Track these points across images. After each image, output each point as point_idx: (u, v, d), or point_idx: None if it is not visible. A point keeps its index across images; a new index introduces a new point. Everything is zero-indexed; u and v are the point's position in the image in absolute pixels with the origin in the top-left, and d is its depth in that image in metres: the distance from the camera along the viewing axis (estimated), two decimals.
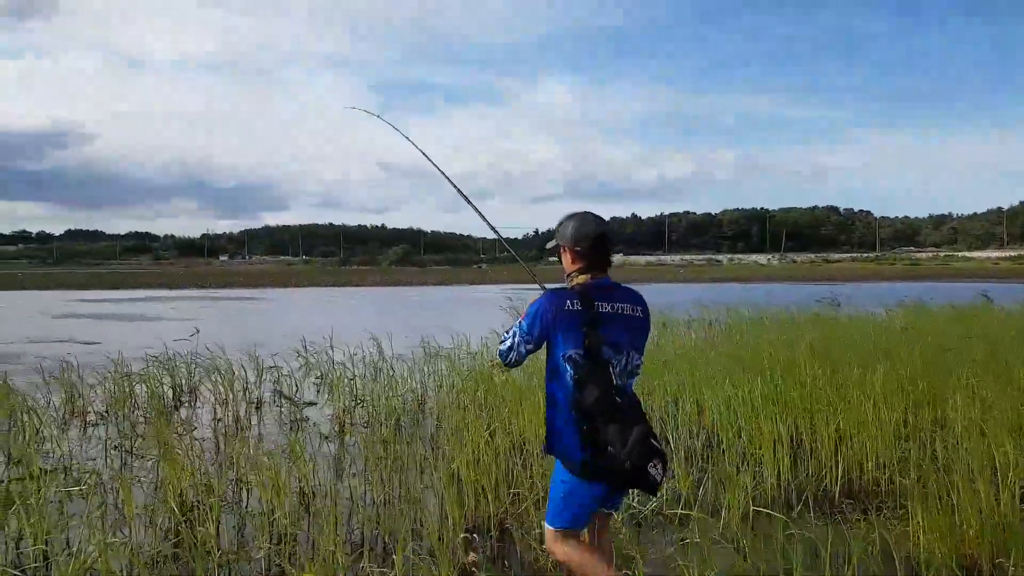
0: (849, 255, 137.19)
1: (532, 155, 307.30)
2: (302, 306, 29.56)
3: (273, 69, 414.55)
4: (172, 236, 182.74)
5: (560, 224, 3.12)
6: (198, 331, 9.29)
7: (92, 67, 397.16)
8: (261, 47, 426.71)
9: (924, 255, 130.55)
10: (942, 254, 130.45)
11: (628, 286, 3.12)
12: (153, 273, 78.09)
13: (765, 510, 4.09)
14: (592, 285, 2.97)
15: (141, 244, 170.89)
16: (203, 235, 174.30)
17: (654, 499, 4.45)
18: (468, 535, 3.94)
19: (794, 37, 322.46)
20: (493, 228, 3.67)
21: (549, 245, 3.16)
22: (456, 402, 7.50)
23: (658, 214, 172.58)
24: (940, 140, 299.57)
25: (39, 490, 4.46)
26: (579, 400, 2.78)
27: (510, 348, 2.95)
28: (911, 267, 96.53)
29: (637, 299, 3.04)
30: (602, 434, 2.72)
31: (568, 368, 2.84)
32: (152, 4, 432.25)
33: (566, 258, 3.06)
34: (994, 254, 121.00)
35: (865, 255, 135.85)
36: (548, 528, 2.98)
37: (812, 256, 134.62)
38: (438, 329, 12.53)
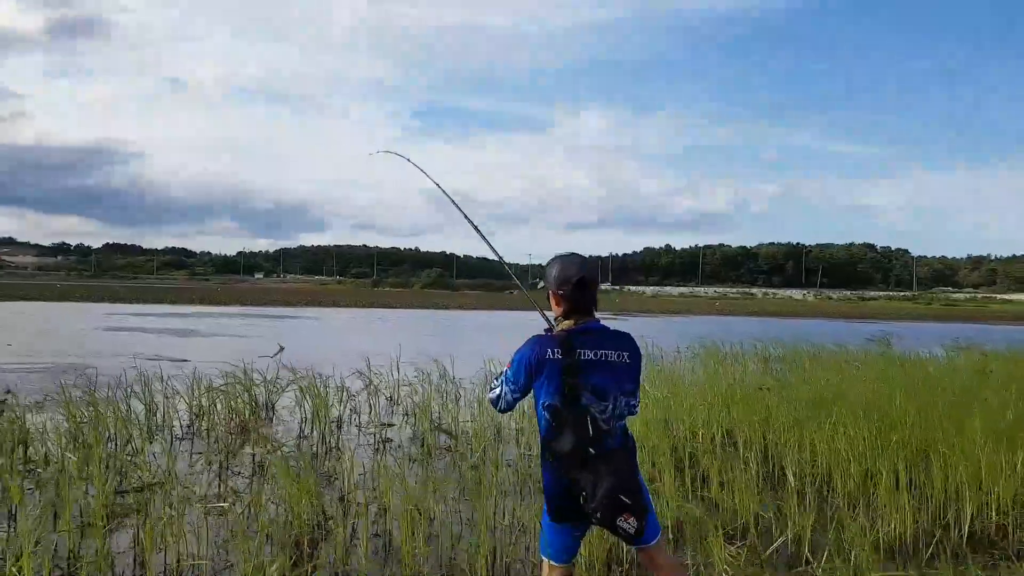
0: (885, 293, 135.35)
1: (567, 183, 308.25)
2: (347, 326, 29.77)
3: (314, 95, 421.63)
4: (209, 253, 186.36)
5: (545, 267, 3.11)
6: (282, 348, 9.38)
7: (139, 89, 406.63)
8: (303, 74, 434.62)
9: (961, 296, 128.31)
10: (980, 296, 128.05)
11: (617, 329, 3.05)
12: (195, 289, 79.20)
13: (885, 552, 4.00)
14: (576, 331, 2.93)
15: (178, 260, 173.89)
16: (239, 252, 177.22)
17: (776, 540, 4.40)
18: None
19: (836, 73, 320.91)
20: (502, 260, 3.65)
21: (539, 287, 3.17)
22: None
23: (692, 245, 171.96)
24: (980, 180, 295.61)
25: (154, 503, 4.51)
26: (555, 448, 2.81)
27: (498, 396, 2.99)
28: (948, 308, 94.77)
29: (624, 343, 2.98)
30: (576, 483, 2.76)
31: (546, 415, 2.86)
32: (198, 31, 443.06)
33: (552, 302, 3.04)
34: None
35: (902, 294, 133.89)
36: (542, 558, 3.07)
37: (848, 293, 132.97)
38: (494, 354, 12.52)
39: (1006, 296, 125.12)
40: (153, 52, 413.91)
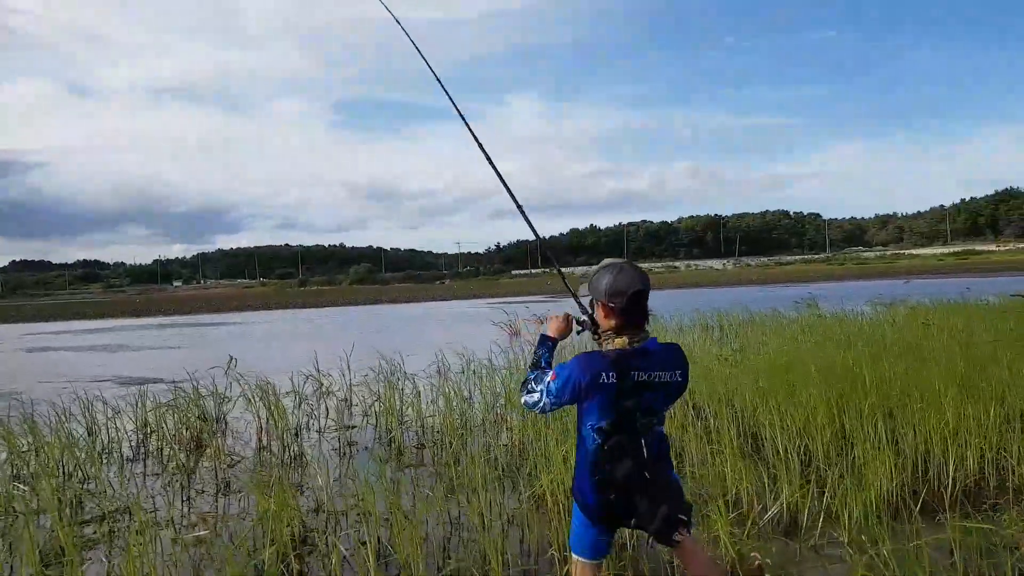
0: (800, 257, 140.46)
1: (493, 172, 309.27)
2: (281, 329, 29.00)
3: (229, 94, 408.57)
4: (123, 263, 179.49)
5: (594, 275, 2.88)
6: (234, 359, 8.97)
7: (37, 94, 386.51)
8: (216, 73, 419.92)
9: (871, 254, 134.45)
10: (889, 252, 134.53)
11: (671, 344, 2.91)
12: (114, 302, 75.84)
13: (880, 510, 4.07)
14: (630, 352, 2.76)
15: (91, 272, 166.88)
16: (155, 261, 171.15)
17: (772, 508, 4.43)
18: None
19: (747, 50, 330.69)
20: (530, 225, 3.57)
21: (582, 296, 2.97)
22: (502, 419, 7.40)
23: (617, 224, 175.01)
24: (885, 145, 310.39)
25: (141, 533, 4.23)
26: (610, 472, 2.72)
27: (536, 403, 2.86)
28: (860, 266, 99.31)
29: (677, 361, 2.85)
30: (630, 505, 2.72)
31: (596, 437, 2.75)
32: (101, 32, 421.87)
33: (599, 313, 2.86)
34: (939, 251, 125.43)
35: (815, 256, 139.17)
36: (572, 555, 3.00)
37: (765, 260, 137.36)
38: (440, 346, 12.37)
39: (913, 251, 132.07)
40: (53, 56, 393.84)
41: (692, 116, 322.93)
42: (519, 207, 3.53)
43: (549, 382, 2.81)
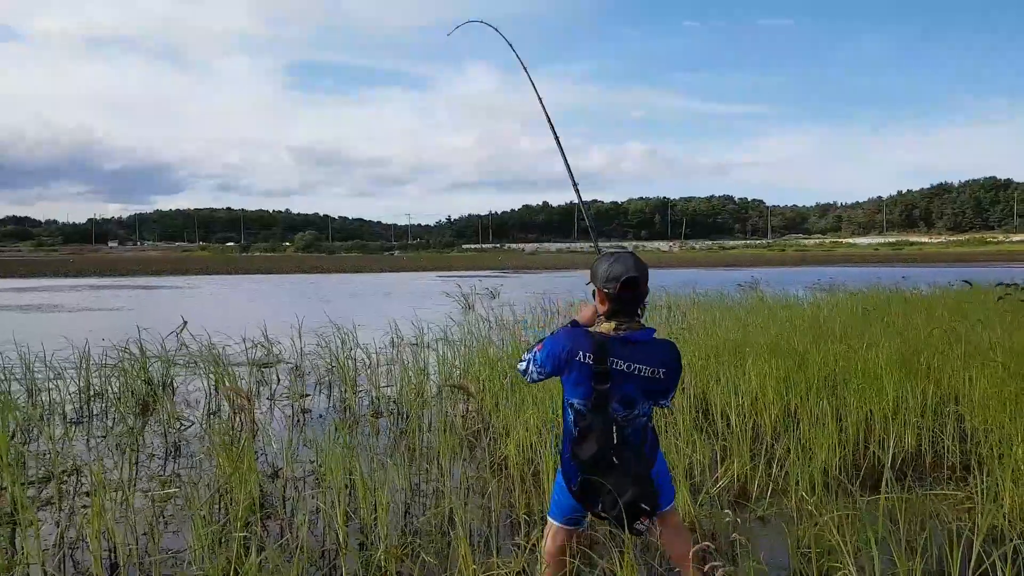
0: (743, 242, 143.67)
1: (449, 142, 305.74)
2: (226, 294, 28.42)
3: (175, 48, 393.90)
4: (55, 221, 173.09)
5: (595, 261, 3.00)
6: (186, 323, 8.77)
7: None
8: (162, 25, 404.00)
9: (811, 242, 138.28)
10: (828, 240, 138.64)
11: (663, 339, 2.95)
12: (45, 261, 72.90)
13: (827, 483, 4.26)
14: (614, 339, 2.82)
15: (21, 229, 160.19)
16: (90, 220, 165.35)
17: (720, 481, 4.60)
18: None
19: (701, 33, 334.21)
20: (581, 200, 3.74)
21: (586, 284, 3.06)
22: (455, 388, 7.44)
23: (568, 202, 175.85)
24: (828, 135, 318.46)
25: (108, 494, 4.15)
26: (577, 452, 2.80)
27: (525, 370, 2.98)
28: (801, 252, 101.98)
29: (663, 359, 2.85)
30: (595, 489, 2.77)
31: (570, 414, 2.88)
32: None
33: (596, 299, 2.96)
34: (875, 240, 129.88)
35: (757, 242, 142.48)
36: (549, 519, 3.10)
37: (709, 243, 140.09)
38: (392, 317, 12.33)
39: (850, 240, 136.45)
40: None
41: (646, 98, 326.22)
42: (575, 184, 3.78)
43: (536, 351, 2.93)
